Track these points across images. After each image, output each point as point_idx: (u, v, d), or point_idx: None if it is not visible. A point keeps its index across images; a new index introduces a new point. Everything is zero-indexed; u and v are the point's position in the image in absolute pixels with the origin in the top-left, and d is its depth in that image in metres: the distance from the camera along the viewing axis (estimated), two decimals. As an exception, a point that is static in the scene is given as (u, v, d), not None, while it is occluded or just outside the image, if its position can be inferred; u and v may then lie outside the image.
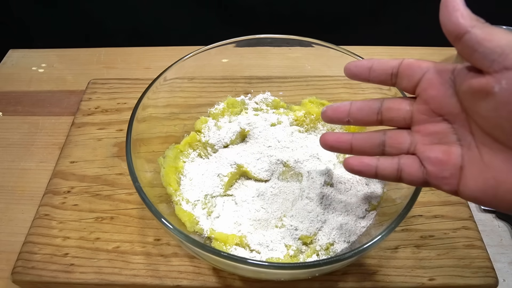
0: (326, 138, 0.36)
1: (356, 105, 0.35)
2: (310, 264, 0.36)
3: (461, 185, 0.30)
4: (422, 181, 0.32)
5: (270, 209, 0.46)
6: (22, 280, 0.44)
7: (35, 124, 0.62)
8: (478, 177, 0.29)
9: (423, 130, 0.32)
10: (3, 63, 0.72)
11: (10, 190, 0.55)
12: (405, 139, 0.33)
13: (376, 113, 0.34)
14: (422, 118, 0.32)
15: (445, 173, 0.30)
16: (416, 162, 0.32)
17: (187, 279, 0.44)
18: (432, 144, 0.32)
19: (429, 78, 0.31)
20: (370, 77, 0.34)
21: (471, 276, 0.43)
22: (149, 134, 0.48)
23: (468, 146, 0.30)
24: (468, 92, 0.28)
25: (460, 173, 0.30)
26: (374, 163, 0.34)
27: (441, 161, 0.30)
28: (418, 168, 0.32)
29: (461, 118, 0.30)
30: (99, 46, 0.75)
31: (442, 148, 0.31)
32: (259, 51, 0.54)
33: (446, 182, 0.30)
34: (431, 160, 0.31)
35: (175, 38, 0.74)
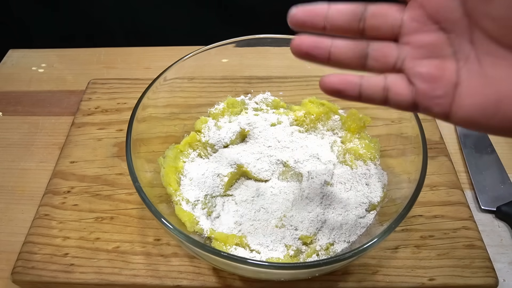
0: (298, 42, 0.30)
1: (336, 7, 0.29)
2: (310, 264, 0.36)
3: (454, 105, 0.27)
4: (410, 102, 0.28)
5: (270, 209, 0.46)
6: (22, 280, 0.44)
7: (35, 124, 0.62)
8: (476, 93, 0.26)
9: (414, 41, 0.28)
10: (3, 63, 0.72)
11: (10, 190, 0.54)
12: (391, 51, 0.29)
13: (358, 19, 0.29)
14: (414, 27, 0.28)
15: (438, 91, 0.27)
16: (404, 80, 0.28)
17: (187, 279, 0.44)
18: (423, 58, 0.28)
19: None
20: None
21: (471, 276, 0.43)
22: (149, 134, 0.48)
23: (465, 59, 0.27)
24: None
25: (454, 92, 0.27)
26: (358, 80, 0.29)
27: (434, 77, 0.27)
28: (407, 87, 0.28)
29: (461, 25, 0.26)
30: (99, 46, 0.75)
31: (434, 62, 0.27)
32: (259, 51, 0.54)
33: (437, 102, 0.27)
34: (422, 76, 0.27)
35: (175, 38, 0.74)
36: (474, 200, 0.52)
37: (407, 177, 0.42)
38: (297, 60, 0.56)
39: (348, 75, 0.29)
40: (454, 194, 0.50)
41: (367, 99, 0.29)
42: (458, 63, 0.27)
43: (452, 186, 0.51)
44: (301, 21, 0.29)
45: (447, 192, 0.50)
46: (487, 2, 0.25)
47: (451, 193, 0.50)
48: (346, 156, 0.50)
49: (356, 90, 0.29)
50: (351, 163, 0.49)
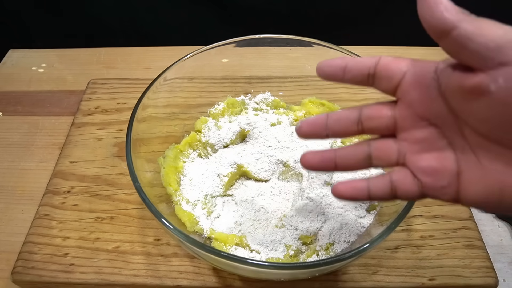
0: (307, 159, 0.33)
1: (333, 117, 0.32)
2: (310, 264, 0.36)
3: (461, 192, 0.27)
4: (419, 194, 0.29)
5: (270, 209, 0.46)
6: (22, 280, 0.44)
7: (35, 124, 0.62)
8: (478, 182, 0.26)
9: (410, 138, 0.29)
10: (3, 63, 0.72)
11: (10, 190, 0.54)
12: (392, 149, 0.30)
13: (355, 123, 0.31)
14: (406, 124, 0.29)
15: (442, 182, 0.28)
16: (408, 176, 0.29)
17: (187, 279, 0.44)
18: (422, 152, 0.29)
19: (409, 80, 0.28)
20: (345, 77, 0.31)
21: (471, 276, 0.43)
22: (149, 134, 0.48)
23: (461, 150, 0.27)
24: (458, 93, 0.25)
25: (458, 180, 0.27)
26: (365, 186, 0.31)
27: (436, 170, 0.28)
28: (412, 182, 0.29)
29: (449, 121, 0.27)
30: (99, 46, 0.75)
31: (433, 155, 0.28)
32: (259, 51, 0.54)
33: (444, 191, 0.28)
34: (424, 170, 0.28)
35: (175, 38, 0.74)
36: (474, 200, 0.52)
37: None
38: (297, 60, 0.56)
39: (355, 182, 0.31)
40: (454, 194, 0.50)
41: (377, 199, 0.31)
42: (456, 153, 0.27)
43: (452, 186, 0.51)
44: (306, 133, 0.33)
45: (447, 192, 0.50)
46: (468, 105, 0.25)
47: (451, 193, 0.50)
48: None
49: (365, 194, 0.31)
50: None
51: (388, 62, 0.29)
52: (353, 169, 0.32)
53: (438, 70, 0.27)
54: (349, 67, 0.30)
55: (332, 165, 0.32)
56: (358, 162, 0.32)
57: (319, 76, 0.31)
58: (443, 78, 0.26)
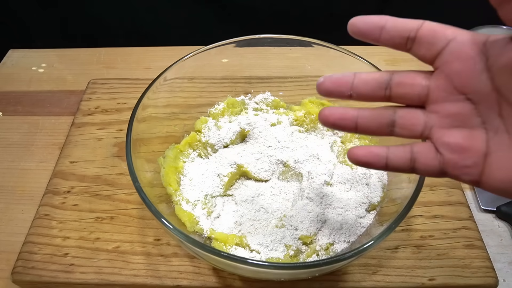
0: (327, 113, 0.30)
1: (361, 77, 0.30)
2: (310, 264, 0.36)
3: (484, 175, 0.26)
4: (438, 171, 0.28)
5: (270, 209, 0.46)
6: (22, 280, 0.44)
7: (35, 124, 0.62)
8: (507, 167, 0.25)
9: (441, 111, 0.28)
10: (3, 63, 0.72)
11: (10, 190, 0.55)
12: (419, 119, 0.29)
13: (384, 88, 0.29)
14: (440, 96, 0.27)
15: (467, 161, 0.26)
16: (431, 151, 0.28)
17: (187, 279, 0.44)
18: (451, 127, 0.27)
19: (454, 49, 0.26)
20: (381, 38, 0.28)
21: (471, 276, 0.43)
22: (149, 134, 0.48)
23: (495, 131, 0.26)
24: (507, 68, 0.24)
25: (483, 162, 0.26)
26: (384, 153, 0.29)
27: (462, 148, 0.27)
28: (434, 157, 0.28)
29: (489, 99, 0.26)
30: (99, 46, 0.75)
31: (463, 133, 0.27)
32: (259, 51, 0.54)
33: (467, 171, 0.27)
34: (451, 147, 0.27)
35: (175, 38, 0.74)
36: (474, 200, 0.52)
37: (407, 177, 0.42)
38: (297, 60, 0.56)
39: (374, 147, 0.30)
40: (454, 194, 0.50)
41: (394, 169, 0.30)
42: (488, 134, 0.26)
43: (452, 186, 0.51)
44: (328, 90, 0.30)
45: (447, 192, 0.50)
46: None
47: (451, 193, 0.50)
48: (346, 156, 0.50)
49: (382, 162, 0.30)
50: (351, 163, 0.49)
51: (433, 27, 0.27)
52: (373, 133, 0.30)
53: (488, 42, 0.25)
54: (388, 27, 0.28)
55: (352, 124, 0.30)
56: (380, 127, 0.30)
57: (351, 31, 0.29)
58: (492, 51, 0.25)
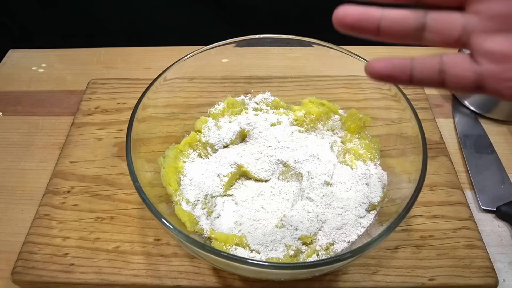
0: (342, 14, 0.26)
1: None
2: (310, 264, 0.36)
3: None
4: (473, 84, 0.24)
5: (270, 209, 0.46)
6: (22, 280, 0.44)
7: (35, 124, 0.62)
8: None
9: (485, 11, 0.24)
10: (3, 63, 0.72)
11: (10, 190, 0.54)
12: (455, 22, 0.24)
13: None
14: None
15: (511, 73, 0.23)
16: (465, 60, 0.24)
17: (187, 279, 0.44)
18: (495, 32, 0.23)
19: None
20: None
21: (471, 276, 0.43)
22: (149, 134, 0.48)
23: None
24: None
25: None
26: (408, 64, 0.25)
27: (507, 57, 0.23)
28: (469, 67, 0.24)
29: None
30: (99, 46, 0.75)
31: (509, 38, 0.23)
32: (259, 51, 0.54)
33: (509, 85, 0.23)
34: (493, 55, 0.23)
35: (175, 38, 0.74)
36: (474, 200, 0.52)
37: (407, 177, 0.42)
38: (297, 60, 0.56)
39: (396, 59, 0.26)
40: (454, 194, 0.50)
41: (420, 83, 0.26)
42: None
43: (452, 186, 0.51)
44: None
45: (447, 192, 0.50)
46: None
47: (451, 193, 0.50)
48: (346, 156, 0.50)
49: (406, 74, 0.25)
50: (351, 163, 0.49)
51: None
52: (398, 38, 0.26)
53: None
54: None
55: (373, 26, 0.26)
56: (407, 31, 0.25)
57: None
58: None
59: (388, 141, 0.50)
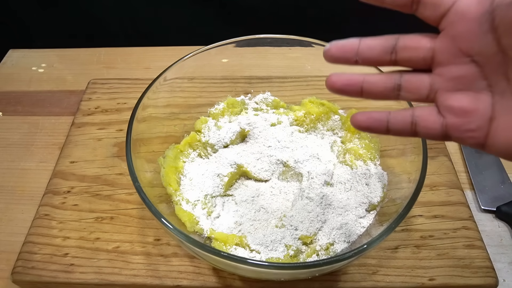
0: (333, 80, 0.30)
1: (367, 42, 0.30)
2: (310, 264, 0.36)
3: (490, 138, 0.26)
4: (441, 134, 0.28)
5: (270, 209, 0.46)
6: (22, 280, 0.44)
7: (35, 124, 0.62)
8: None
9: (446, 73, 0.27)
10: (3, 63, 0.72)
11: (10, 190, 0.54)
12: (424, 83, 0.28)
13: (390, 52, 0.29)
14: (446, 58, 0.27)
15: (471, 125, 0.26)
16: (433, 113, 0.28)
17: (187, 279, 0.44)
18: (456, 90, 0.27)
19: (460, 10, 0.26)
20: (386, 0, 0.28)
21: (471, 276, 0.43)
22: (149, 134, 0.48)
23: (501, 94, 0.25)
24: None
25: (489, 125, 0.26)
26: (385, 117, 0.30)
27: (466, 111, 0.26)
28: (436, 120, 0.28)
29: (495, 60, 0.25)
30: (99, 46, 0.75)
31: (468, 96, 0.26)
32: (259, 51, 0.54)
33: (471, 135, 0.27)
34: (454, 110, 0.27)
35: (175, 38, 0.74)
36: (474, 200, 0.52)
37: (407, 177, 0.42)
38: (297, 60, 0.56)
39: (375, 112, 0.30)
40: (454, 194, 0.50)
41: (396, 133, 0.30)
42: (494, 97, 0.26)
43: (452, 186, 0.51)
44: (334, 56, 0.30)
45: (447, 192, 0.50)
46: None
47: (451, 193, 0.50)
48: (346, 156, 0.50)
49: (383, 126, 0.30)
50: (351, 163, 0.49)
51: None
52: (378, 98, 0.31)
53: (495, 2, 0.25)
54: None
55: (357, 90, 0.30)
56: (386, 91, 0.30)
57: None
58: (499, 11, 0.24)
59: (388, 141, 0.50)
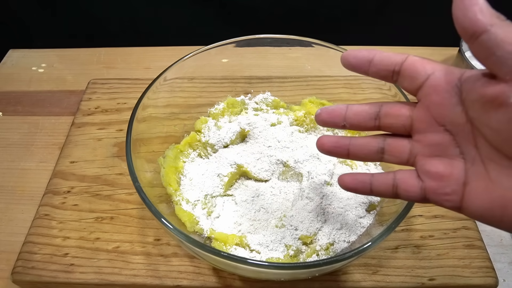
0: (323, 142, 0.34)
1: (353, 109, 0.33)
2: (310, 264, 0.36)
3: (464, 202, 0.28)
4: (420, 197, 0.30)
5: (270, 209, 0.46)
6: (22, 280, 0.44)
7: (35, 124, 0.62)
8: (483, 195, 0.26)
9: (423, 140, 0.30)
10: (3, 63, 0.72)
11: (10, 190, 0.55)
12: (405, 148, 0.31)
13: (374, 118, 0.32)
14: (422, 126, 0.30)
15: (446, 189, 0.28)
16: (413, 177, 0.30)
17: (187, 279, 0.44)
18: (432, 156, 0.29)
19: (433, 83, 0.28)
20: (370, 71, 0.31)
21: (471, 276, 0.43)
22: (149, 134, 0.48)
23: (472, 161, 0.27)
24: (478, 102, 0.25)
25: (463, 189, 0.28)
26: (368, 179, 0.33)
27: (442, 176, 0.28)
28: (416, 183, 0.30)
29: (464, 130, 0.27)
30: (99, 46, 0.75)
31: (443, 162, 0.29)
32: (259, 51, 0.54)
33: (447, 198, 0.28)
34: (431, 175, 0.29)
35: (175, 38, 0.74)
36: (474, 200, 0.52)
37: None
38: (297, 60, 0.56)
39: (360, 175, 0.33)
40: (454, 194, 0.50)
41: (378, 194, 0.33)
42: (466, 163, 0.28)
43: (452, 186, 0.51)
44: (324, 121, 0.34)
45: (447, 192, 0.50)
46: (486, 115, 0.25)
47: (451, 193, 0.50)
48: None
49: (367, 188, 0.33)
50: (351, 163, 0.49)
51: (415, 62, 0.29)
52: (364, 159, 0.34)
53: (463, 77, 0.27)
54: (375, 61, 0.30)
55: (345, 151, 0.33)
56: (370, 154, 0.33)
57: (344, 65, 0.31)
58: (466, 85, 0.26)
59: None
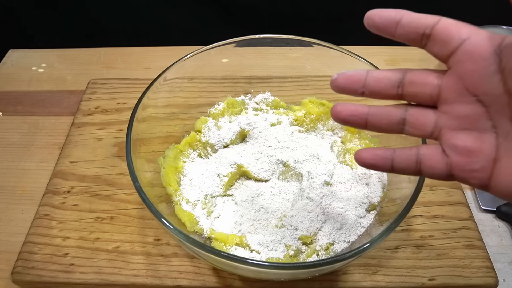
0: (339, 110, 0.30)
1: (373, 75, 0.30)
2: (310, 264, 0.36)
3: (493, 179, 0.26)
4: (445, 173, 0.28)
5: (270, 209, 0.46)
6: (22, 280, 0.44)
7: (35, 124, 0.62)
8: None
9: (452, 111, 0.27)
10: (3, 63, 0.72)
11: (10, 190, 0.55)
12: (429, 119, 0.28)
13: (396, 86, 0.29)
14: (452, 96, 0.27)
15: (475, 165, 0.26)
16: (438, 153, 0.28)
17: (187, 279, 0.44)
18: (460, 129, 0.27)
19: (468, 49, 0.26)
20: (396, 33, 0.28)
21: (471, 276, 0.43)
22: (149, 134, 0.48)
23: (505, 135, 0.25)
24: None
25: (493, 166, 0.26)
26: (390, 155, 0.29)
27: (470, 151, 0.26)
28: (441, 159, 0.28)
29: (500, 102, 0.25)
30: (99, 46, 0.75)
31: (472, 136, 0.26)
32: (259, 51, 0.54)
33: (475, 175, 0.26)
34: (458, 150, 0.27)
35: (175, 38, 0.74)
36: (474, 200, 0.52)
37: (407, 177, 0.42)
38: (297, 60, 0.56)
39: (380, 150, 0.30)
40: (454, 194, 0.50)
41: (400, 171, 0.30)
42: (498, 138, 0.26)
43: (452, 186, 0.51)
44: (341, 87, 0.31)
45: (447, 192, 0.50)
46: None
47: (451, 193, 0.50)
48: (346, 156, 0.50)
49: (388, 164, 0.30)
50: (351, 163, 0.49)
51: (448, 25, 0.27)
52: (383, 131, 0.31)
53: (503, 44, 0.25)
54: (403, 22, 0.28)
55: (362, 121, 0.30)
56: (390, 125, 0.30)
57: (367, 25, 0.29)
58: (507, 53, 0.24)
59: (388, 141, 0.50)
